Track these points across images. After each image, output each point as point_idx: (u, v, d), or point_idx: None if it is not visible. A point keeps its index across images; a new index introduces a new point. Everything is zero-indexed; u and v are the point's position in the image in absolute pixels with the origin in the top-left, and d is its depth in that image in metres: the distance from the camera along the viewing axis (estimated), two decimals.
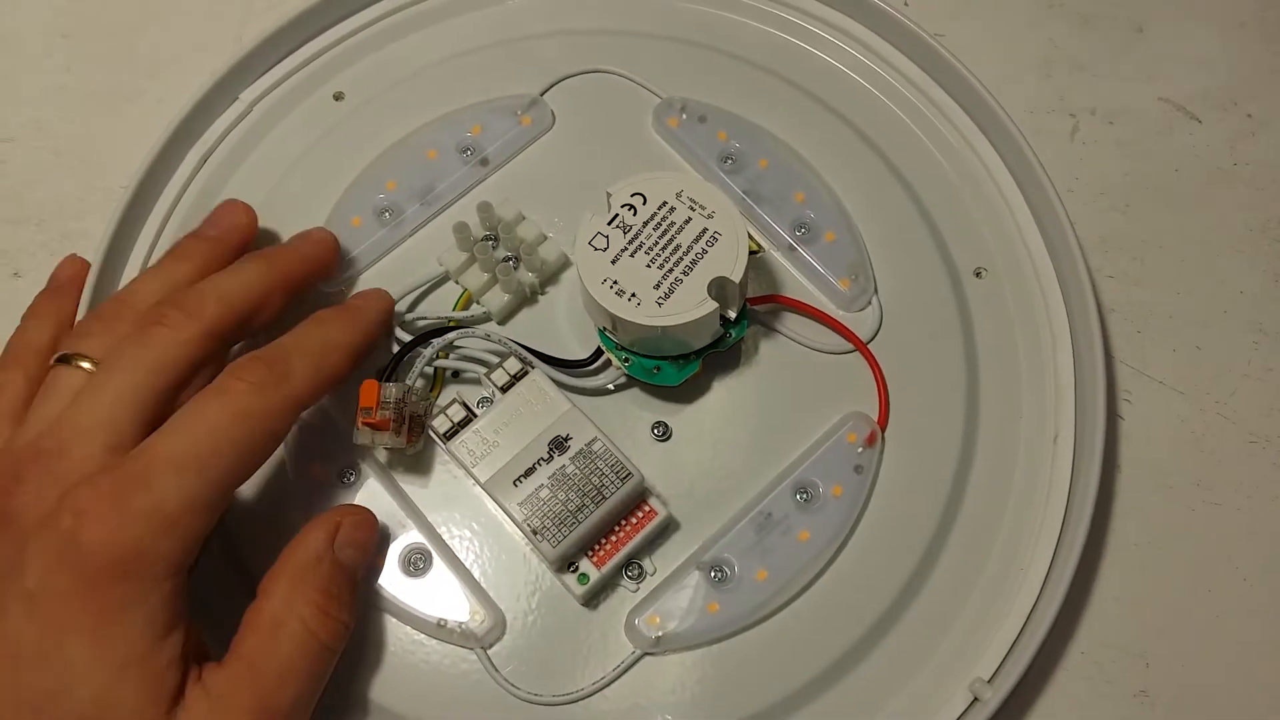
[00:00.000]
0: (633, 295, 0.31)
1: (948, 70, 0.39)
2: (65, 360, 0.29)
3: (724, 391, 0.35)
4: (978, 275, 0.37)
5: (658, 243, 0.32)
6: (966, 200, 0.38)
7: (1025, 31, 0.43)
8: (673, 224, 0.32)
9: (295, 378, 0.29)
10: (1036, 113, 0.42)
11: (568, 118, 0.39)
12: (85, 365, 0.29)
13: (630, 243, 0.32)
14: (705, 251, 0.32)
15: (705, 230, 0.32)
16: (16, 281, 0.40)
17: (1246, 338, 0.38)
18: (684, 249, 0.32)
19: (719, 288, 0.32)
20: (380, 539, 0.32)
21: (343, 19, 0.41)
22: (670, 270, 0.32)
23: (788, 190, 0.37)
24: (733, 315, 0.33)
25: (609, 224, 0.32)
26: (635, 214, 0.33)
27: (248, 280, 0.31)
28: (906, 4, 0.43)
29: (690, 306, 0.31)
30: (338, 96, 0.40)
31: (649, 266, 0.32)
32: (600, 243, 0.32)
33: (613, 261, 0.32)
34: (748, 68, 0.40)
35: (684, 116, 0.39)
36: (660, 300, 0.31)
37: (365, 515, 0.31)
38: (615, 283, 0.32)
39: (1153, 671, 0.33)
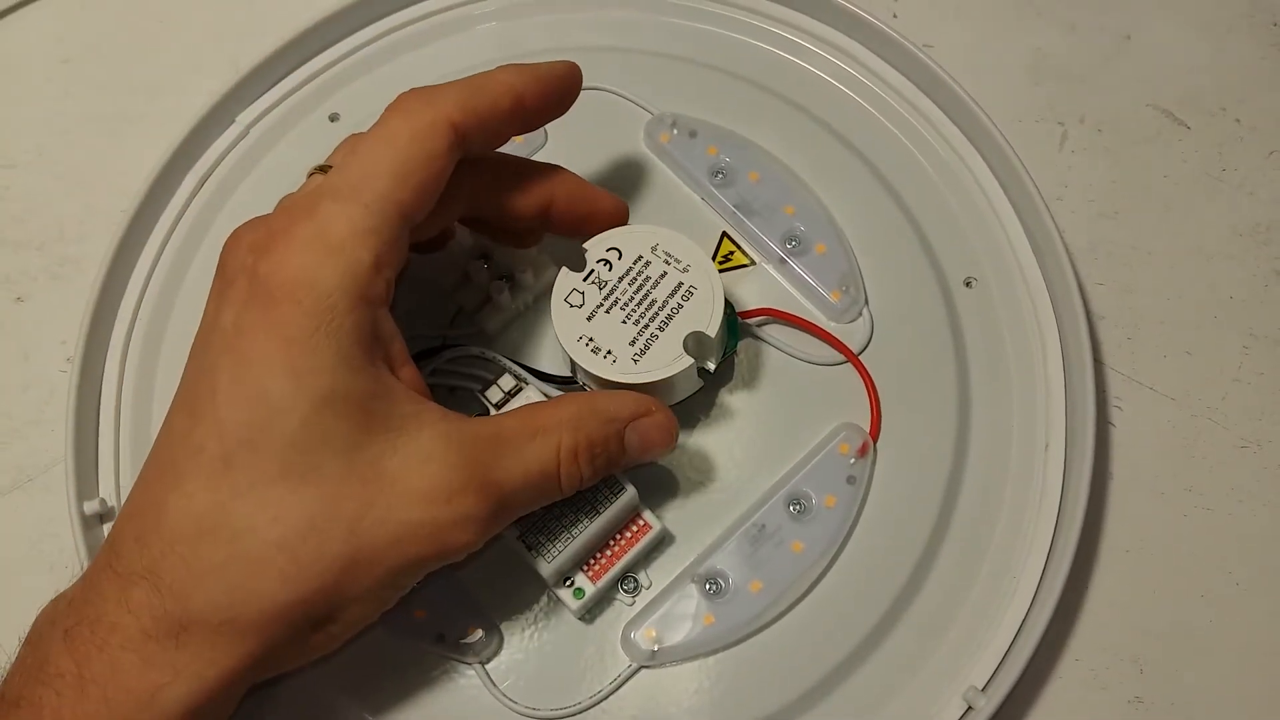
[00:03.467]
0: (609, 353, 0.32)
1: (935, 81, 0.39)
2: (321, 169, 0.30)
3: (717, 404, 0.35)
4: (968, 285, 0.37)
5: (633, 298, 0.32)
6: (955, 210, 0.38)
7: (1013, 40, 0.43)
8: (648, 279, 0.33)
9: (444, 96, 0.29)
10: (1025, 121, 0.42)
11: (560, 135, 0.39)
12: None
13: (606, 299, 0.32)
14: (681, 306, 0.32)
15: (681, 284, 0.32)
16: (19, 305, 0.40)
17: (1237, 342, 0.38)
18: (659, 304, 0.32)
19: (696, 342, 0.32)
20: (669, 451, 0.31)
21: (337, 41, 0.41)
22: (646, 326, 0.32)
23: (778, 203, 0.38)
24: (711, 367, 0.33)
25: (585, 280, 0.33)
26: (610, 269, 0.33)
27: (496, 77, 0.30)
28: (895, 16, 0.44)
29: (666, 362, 0.32)
30: (333, 118, 0.41)
31: (624, 323, 0.32)
32: (575, 299, 0.33)
33: (588, 318, 0.32)
34: (738, 83, 0.40)
35: (675, 132, 0.39)
36: (636, 357, 0.32)
37: (671, 423, 0.31)
38: (591, 340, 0.32)
39: (1146, 677, 0.33)
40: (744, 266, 0.37)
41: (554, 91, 0.31)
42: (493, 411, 0.33)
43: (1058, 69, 0.43)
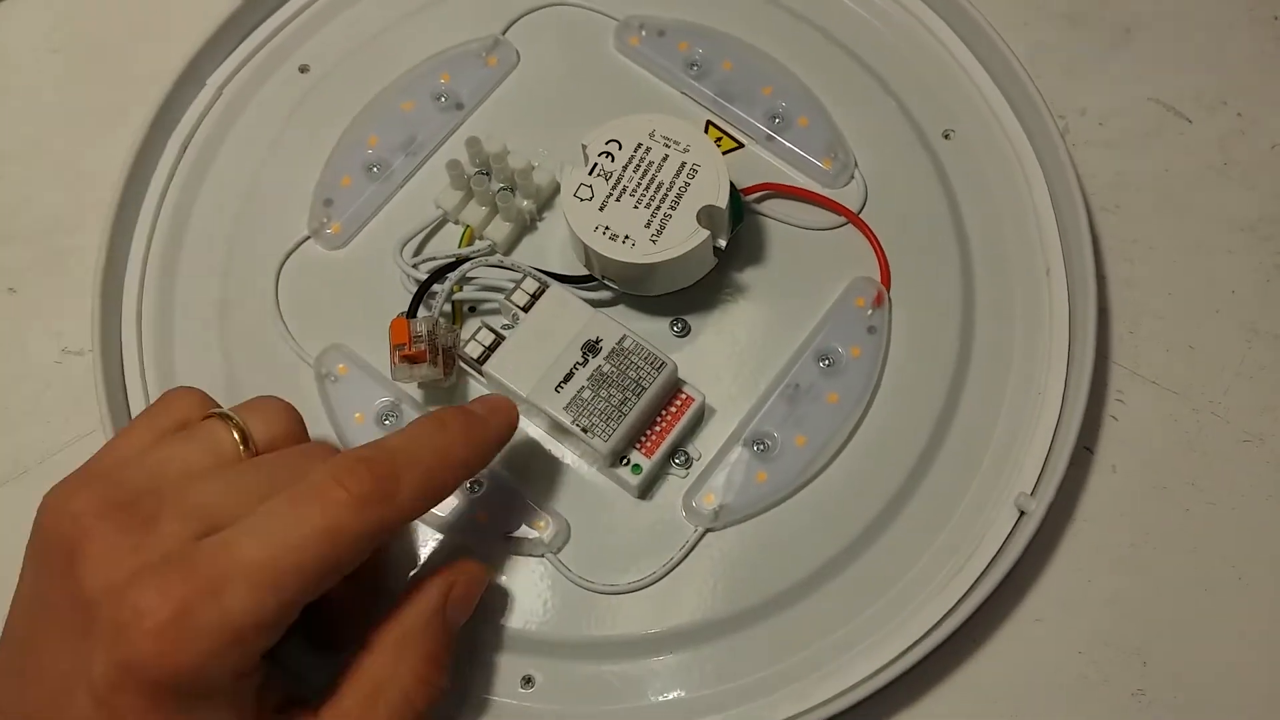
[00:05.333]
0: (626, 238, 0.33)
1: None
2: (226, 419, 0.28)
3: (733, 283, 0.36)
4: (946, 137, 0.39)
5: (640, 184, 0.33)
6: (923, 68, 0.40)
7: (1013, 33, 0.40)
8: (651, 163, 0.34)
9: (400, 498, 0.26)
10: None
11: (532, 53, 0.40)
12: (239, 439, 0.27)
13: (614, 188, 0.33)
14: (688, 184, 0.33)
15: (684, 164, 0.33)
16: (11, 297, 0.39)
17: (1239, 337, 0.37)
18: (667, 185, 0.33)
19: (708, 215, 0.33)
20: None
21: None
22: (658, 208, 0.33)
23: (755, 85, 0.39)
24: (723, 244, 0.34)
25: (590, 173, 0.34)
26: (613, 160, 0.34)
27: (450, 459, 0.28)
28: None
29: (684, 238, 0.33)
30: (303, 69, 0.41)
31: (636, 207, 0.33)
32: (585, 193, 0.33)
33: (600, 209, 0.33)
34: None
35: (643, 33, 0.40)
36: (653, 238, 0.33)
37: (478, 574, 0.30)
38: (607, 228, 0.33)
39: (1150, 670, 0.33)
40: (734, 150, 0.38)
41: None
42: (521, 316, 0.34)
43: (1059, 62, 0.42)
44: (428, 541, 0.33)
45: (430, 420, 0.29)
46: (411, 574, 0.33)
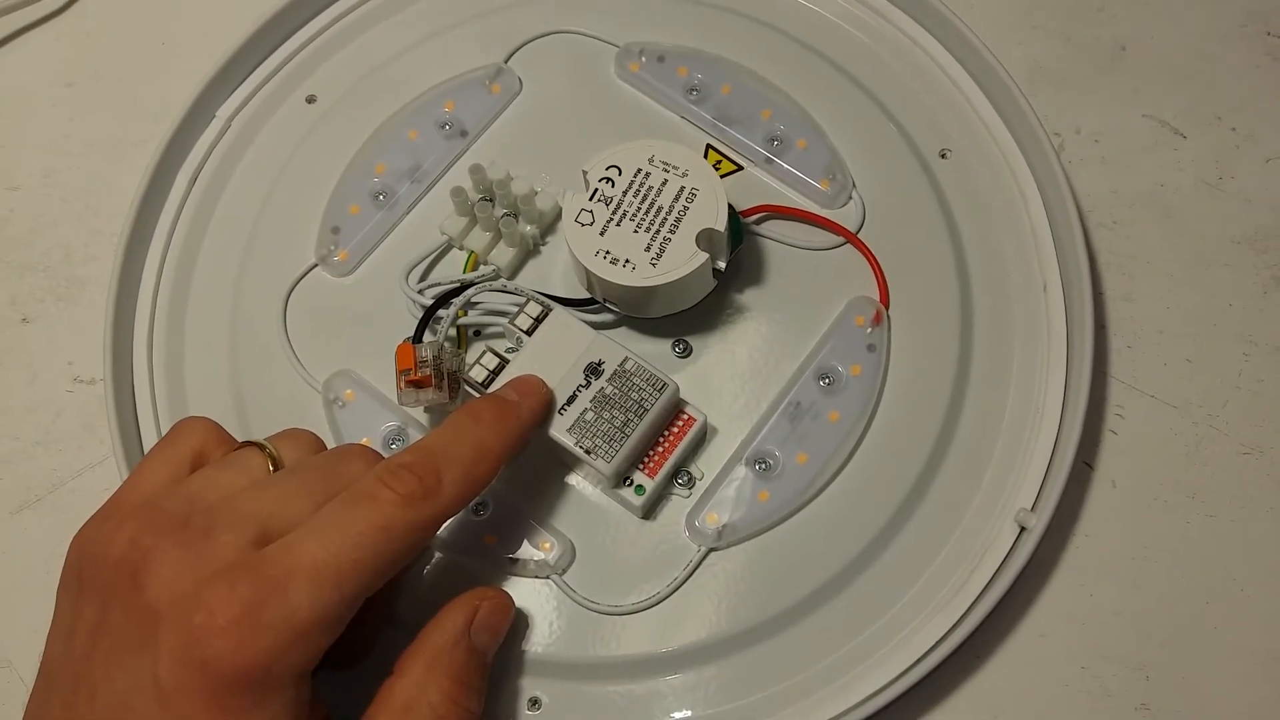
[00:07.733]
0: (627, 261, 0.33)
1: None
2: (259, 446, 0.29)
3: (733, 303, 0.37)
4: (943, 156, 0.39)
5: (640, 208, 0.34)
6: (920, 90, 0.40)
7: (1008, 53, 0.41)
8: (650, 188, 0.34)
9: (445, 493, 0.28)
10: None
11: (534, 80, 0.41)
12: (271, 466, 0.29)
13: (614, 213, 0.34)
14: (687, 208, 0.34)
15: (683, 188, 0.34)
16: (25, 327, 0.40)
17: (1236, 350, 0.38)
18: (666, 209, 0.34)
19: (707, 238, 0.34)
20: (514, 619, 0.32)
21: (303, 24, 0.42)
22: (657, 231, 0.34)
23: (754, 109, 0.40)
24: (722, 266, 0.34)
25: (590, 199, 0.34)
26: (613, 185, 0.34)
27: (487, 450, 0.29)
28: None
29: (683, 261, 0.33)
30: (310, 99, 0.41)
31: (636, 232, 0.34)
32: (585, 218, 0.34)
33: (601, 233, 0.34)
34: (698, 6, 0.42)
35: (644, 59, 0.41)
36: (653, 261, 0.33)
37: (503, 599, 0.31)
38: (608, 253, 0.33)
39: (1153, 684, 0.33)
40: (734, 173, 0.39)
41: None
42: (525, 340, 0.34)
43: (1053, 80, 0.42)
44: (436, 564, 0.34)
45: (465, 414, 0.30)
46: (427, 600, 0.33)
